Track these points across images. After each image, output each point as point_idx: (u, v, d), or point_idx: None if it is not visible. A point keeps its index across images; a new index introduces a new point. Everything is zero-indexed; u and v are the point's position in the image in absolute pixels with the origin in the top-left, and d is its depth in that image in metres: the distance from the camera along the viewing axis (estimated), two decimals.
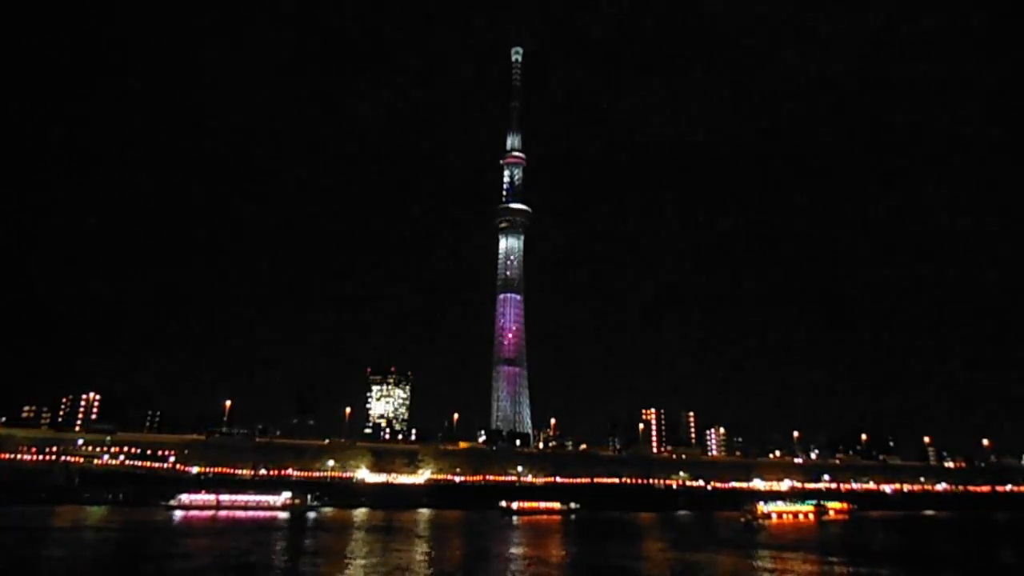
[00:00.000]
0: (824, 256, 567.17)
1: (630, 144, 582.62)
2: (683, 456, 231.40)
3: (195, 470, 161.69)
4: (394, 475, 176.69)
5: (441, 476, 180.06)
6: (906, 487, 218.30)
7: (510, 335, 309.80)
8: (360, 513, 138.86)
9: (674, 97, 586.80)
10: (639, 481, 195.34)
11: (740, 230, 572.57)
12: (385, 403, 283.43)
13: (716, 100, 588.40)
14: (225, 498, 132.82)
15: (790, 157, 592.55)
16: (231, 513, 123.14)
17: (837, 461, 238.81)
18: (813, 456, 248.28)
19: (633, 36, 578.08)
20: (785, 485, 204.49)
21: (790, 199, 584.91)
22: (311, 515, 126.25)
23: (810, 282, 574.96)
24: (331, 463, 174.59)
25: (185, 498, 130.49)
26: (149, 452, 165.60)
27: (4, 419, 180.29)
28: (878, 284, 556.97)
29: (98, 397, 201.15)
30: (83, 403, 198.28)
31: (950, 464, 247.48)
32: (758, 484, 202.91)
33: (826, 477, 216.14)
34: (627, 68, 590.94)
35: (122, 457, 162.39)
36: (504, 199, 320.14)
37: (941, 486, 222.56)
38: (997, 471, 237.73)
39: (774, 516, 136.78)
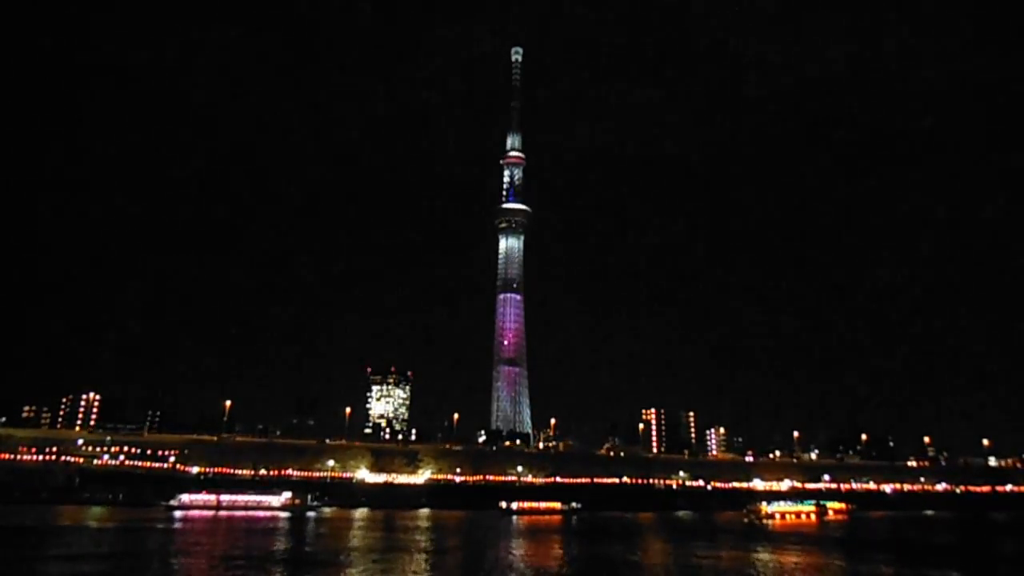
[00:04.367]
0: (824, 256, 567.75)
1: (630, 145, 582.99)
2: (683, 456, 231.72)
3: (195, 470, 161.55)
4: (394, 475, 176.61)
5: (441, 476, 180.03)
6: (906, 487, 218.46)
7: (510, 335, 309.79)
8: (360, 513, 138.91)
9: (673, 98, 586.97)
10: (639, 481, 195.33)
11: (740, 229, 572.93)
12: (385, 403, 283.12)
13: (715, 101, 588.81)
14: (225, 498, 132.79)
15: (787, 159, 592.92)
16: (231, 513, 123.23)
17: (837, 461, 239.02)
18: (813, 456, 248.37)
19: (632, 38, 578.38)
20: (785, 485, 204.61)
21: (789, 200, 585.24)
22: (311, 515, 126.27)
23: (810, 283, 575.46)
24: (331, 463, 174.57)
25: (185, 498, 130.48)
26: (149, 452, 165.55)
27: (4, 419, 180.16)
28: (877, 284, 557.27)
29: (98, 397, 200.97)
30: (83, 403, 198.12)
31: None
32: (758, 484, 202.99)
33: (826, 477, 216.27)
34: (626, 70, 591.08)
35: (122, 457, 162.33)
36: (504, 199, 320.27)
37: (941, 486, 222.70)
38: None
39: (777, 516, 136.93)
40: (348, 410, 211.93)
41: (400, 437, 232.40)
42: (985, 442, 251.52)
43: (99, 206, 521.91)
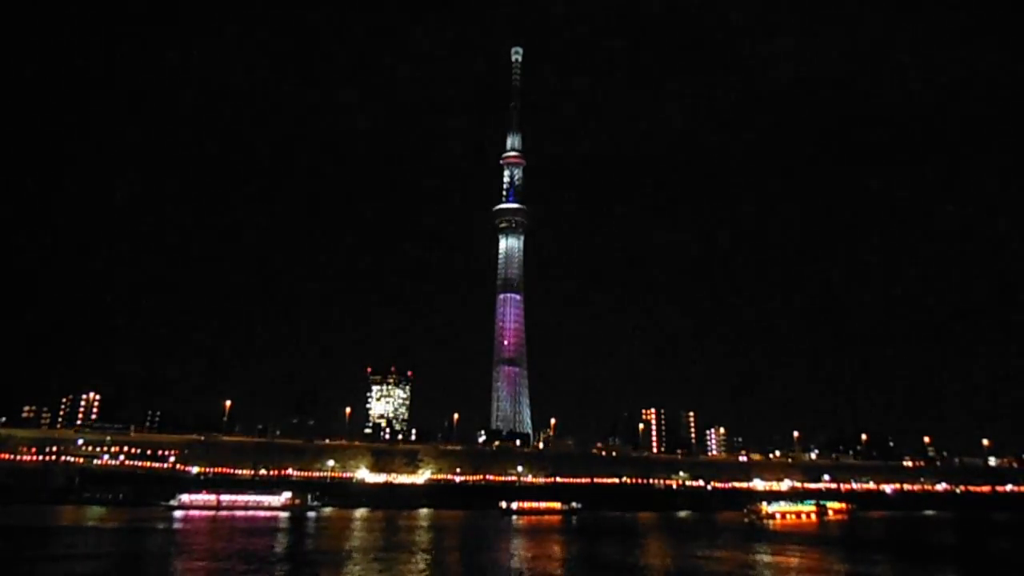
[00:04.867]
0: (822, 256, 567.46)
1: (629, 145, 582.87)
2: (683, 456, 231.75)
3: (195, 470, 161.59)
4: (394, 475, 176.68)
5: (441, 476, 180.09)
6: (906, 487, 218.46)
7: (510, 335, 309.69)
8: (360, 513, 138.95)
9: (671, 99, 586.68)
10: (639, 481, 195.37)
11: (739, 230, 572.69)
12: (385, 403, 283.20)
13: (714, 103, 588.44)
14: (225, 498, 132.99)
15: (787, 159, 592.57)
16: (231, 513, 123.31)
17: (836, 461, 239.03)
18: (813, 456, 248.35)
19: (631, 39, 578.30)
20: (785, 485, 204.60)
21: (789, 200, 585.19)
22: (311, 515, 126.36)
23: (809, 283, 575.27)
24: (331, 463, 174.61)
25: (185, 498, 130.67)
26: (149, 452, 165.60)
27: (4, 419, 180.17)
28: (877, 285, 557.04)
29: (98, 397, 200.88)
30: (83, 403, 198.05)
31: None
32: (758, 484, 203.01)
33: (826, 477, 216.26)
34: (626, 69, 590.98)
35: (122, 457, 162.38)
36: (504, 199, 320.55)
37: (941, 486, 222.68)
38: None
39: (777, 516, 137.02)
40: (348, 410, 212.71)
41: (400, 437, 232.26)
42: (985, 442, 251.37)
43: (99, 206, 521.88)
